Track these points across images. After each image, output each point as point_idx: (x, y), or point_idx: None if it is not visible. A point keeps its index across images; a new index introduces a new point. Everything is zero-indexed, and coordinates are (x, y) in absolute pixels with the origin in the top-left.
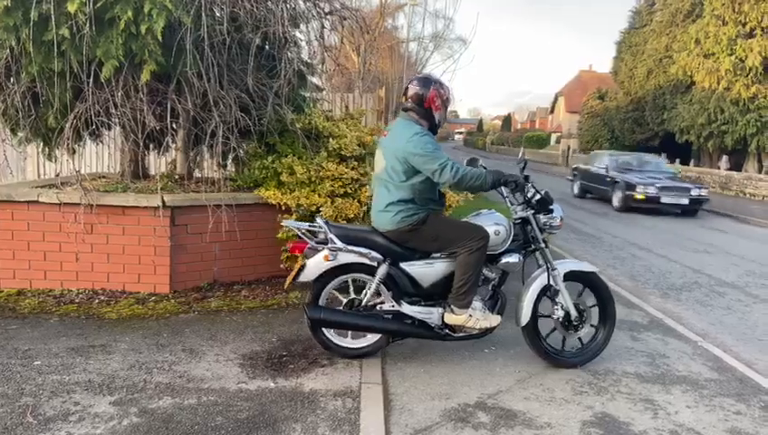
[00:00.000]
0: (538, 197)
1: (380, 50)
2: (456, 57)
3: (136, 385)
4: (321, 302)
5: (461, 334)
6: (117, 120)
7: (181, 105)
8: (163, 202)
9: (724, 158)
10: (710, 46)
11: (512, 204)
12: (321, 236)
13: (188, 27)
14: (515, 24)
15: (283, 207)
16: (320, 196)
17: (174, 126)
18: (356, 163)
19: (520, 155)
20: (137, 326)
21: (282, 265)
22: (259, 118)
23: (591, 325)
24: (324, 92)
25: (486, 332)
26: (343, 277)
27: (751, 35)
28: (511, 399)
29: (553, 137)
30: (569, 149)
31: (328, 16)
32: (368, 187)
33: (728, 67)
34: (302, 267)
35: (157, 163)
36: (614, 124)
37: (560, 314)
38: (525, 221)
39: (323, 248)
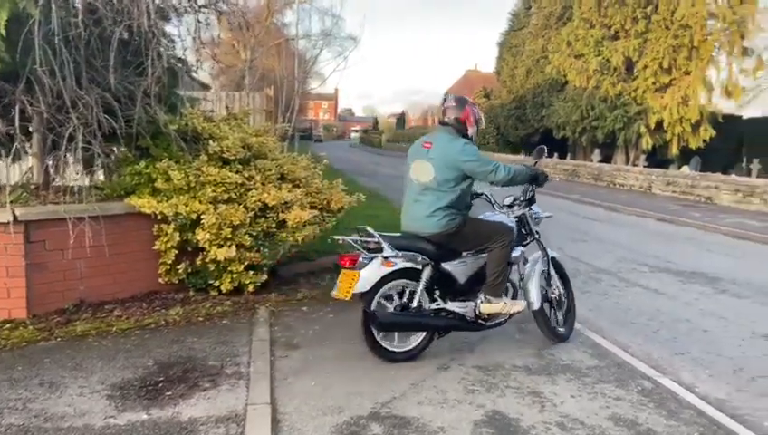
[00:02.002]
0: (531, 193)
1: (269, 47)
2: (345, 54)
3: None
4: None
5: (492, 323)
6: None
7: (33, 107)
8: (14, 216)
9: (596, 151)
10: (580, 47)
11: (499, 206)
12: (372, 246)
13: (37, 20)
14: (407, 24)
15: (159, 217)
16: (201, 202)
17: (30, 129)
18: (240, 166)
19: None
20: None
21: (161, 280)
22: (128, 120)
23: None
24: (213, 91)
25: (511, 316)
26: (393, 283)
27: (615, 37)
28: (405, 405)
29: None
30: None
31: (203, 10)
32: (254, 191)
33: (596, 67)
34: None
35: (9, 172)
36: (499, 121)
37: (555, 294)
38: (520, 218)
39: (378, 257)
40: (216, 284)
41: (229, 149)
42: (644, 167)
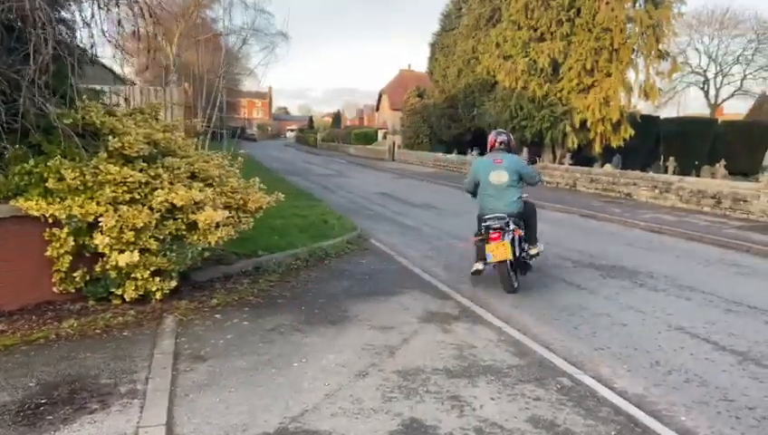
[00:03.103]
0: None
1: (196, 42)
2: (272, 49)
3: None
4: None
5: (532, 260)
6: None
7: None
8: None
9: (525, 150)
10: (508, 49)
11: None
12: (499, 224)
13: None
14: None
15: (50, 220)
16: (99, 204)
17: None
18: (145, 164)
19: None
20: None
21: (56, 289)
22: (13, 112)
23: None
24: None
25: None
26: None
27: (542, 39)
28: (317, 419)
29: (380, 133)
30: (394, 144)
31: None
32: (160, 191)
33: (524, 68)
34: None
35: None
36: (432, 121)
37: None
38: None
39: (508, 230)
40: (119, 292)
41: (131, 146)
42: (569, 165)
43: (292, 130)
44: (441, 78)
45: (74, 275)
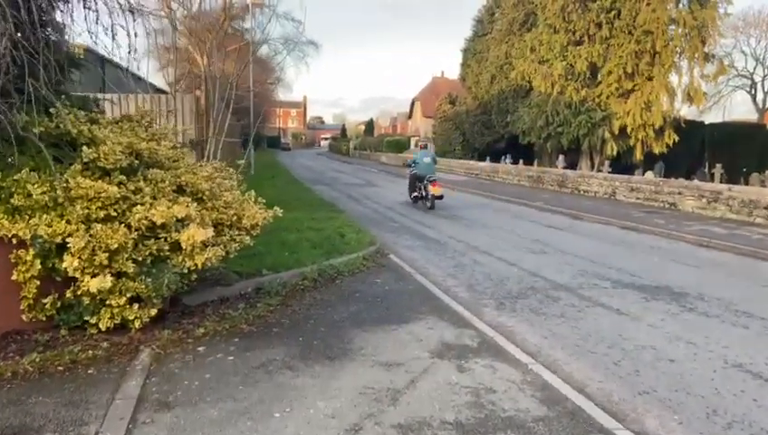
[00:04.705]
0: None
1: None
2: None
3: None
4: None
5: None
6: None
7: None
8: None
9: (561, 157)
10: (544, 53)
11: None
12: (435, 178)
13: None
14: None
15: (14, 241)
16: (70, 222)
17: None
18: (124, 178)
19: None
20: None
21: (24, 316)
22: None
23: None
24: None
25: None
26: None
27: (579, 43)
28: None
29: (412, 141)
30: None
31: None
32: (139, 207)
33: (560, 72)
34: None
35: None
36: (465, 128)
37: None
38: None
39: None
40: (94, 320)
41: (107, 157)
42: (608, 173)
43: (325, 139)
44: (474, 84)
45: (44, 301)
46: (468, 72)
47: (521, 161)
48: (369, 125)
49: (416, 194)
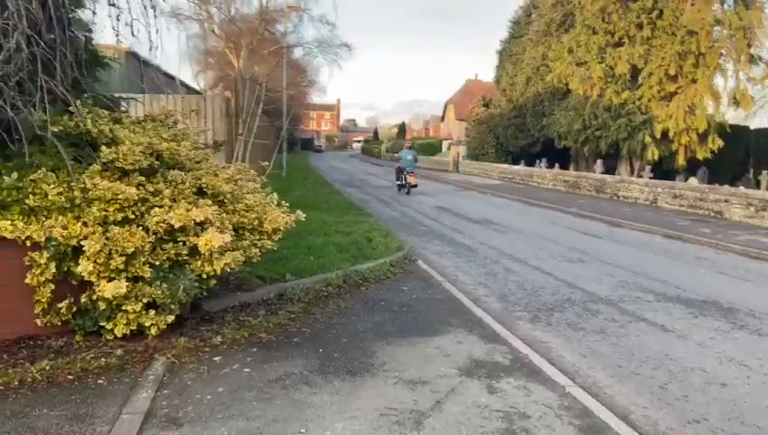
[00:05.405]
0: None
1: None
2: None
3: None
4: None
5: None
6: None
7: None
8: None
9: (599, 162)
10: (582, 54)
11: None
12: (412, 170)
13: None
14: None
15: (28, 243)
16: (86, 224)
17: None
18: (143, 178)
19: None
20: None
21: (39, 321)
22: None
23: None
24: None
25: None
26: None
27: (619, 44)
28: None
29: (444, 144)
30: (458, 155)
31: None
32: (158, 209)
33: (600, 75)
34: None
35: None
36: (499, 131)
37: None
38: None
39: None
40: (110, 326)
41: (125, 157)
42: (649, 178)
43: (358, 142)
44: (508, 86)
45: (59, 306)
46: (503, 74)
47: (556, 165)
48: (402, 128)
49: (399, 182)
